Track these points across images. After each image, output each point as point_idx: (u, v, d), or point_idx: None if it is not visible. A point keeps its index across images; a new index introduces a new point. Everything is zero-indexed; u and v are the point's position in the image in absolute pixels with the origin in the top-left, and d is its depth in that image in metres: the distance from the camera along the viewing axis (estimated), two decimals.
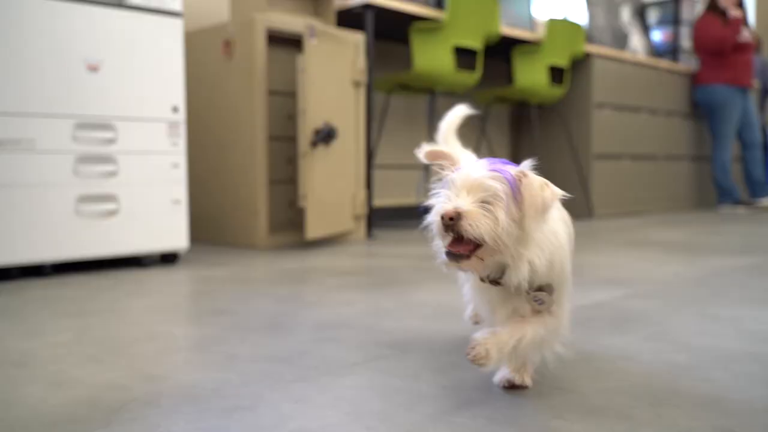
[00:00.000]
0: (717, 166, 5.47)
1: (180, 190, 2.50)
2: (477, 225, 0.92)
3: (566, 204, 1.08)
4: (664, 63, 5.52)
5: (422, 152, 1.05)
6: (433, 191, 1.01)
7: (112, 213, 2.34)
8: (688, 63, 5.98)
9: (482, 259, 0.96)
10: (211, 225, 3.20)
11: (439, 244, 0.99)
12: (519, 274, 0.97)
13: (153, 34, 2.40)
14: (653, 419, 0.97)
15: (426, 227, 1.00)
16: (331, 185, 3.04)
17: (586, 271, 2.35)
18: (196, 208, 3.27)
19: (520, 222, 0.94)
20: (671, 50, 6.05)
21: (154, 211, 2.43)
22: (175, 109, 2.47)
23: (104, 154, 2.31)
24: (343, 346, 1.38)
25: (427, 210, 0.99)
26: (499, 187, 0.93)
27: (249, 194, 3.00)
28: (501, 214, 0.92)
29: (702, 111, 5.77)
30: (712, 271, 2.32)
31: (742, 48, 5.34)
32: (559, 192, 0.96)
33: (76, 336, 1.48)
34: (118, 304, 1.83)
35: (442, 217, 0.93)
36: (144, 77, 2.39)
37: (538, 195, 0.94)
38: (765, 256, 2.72)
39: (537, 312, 1.04)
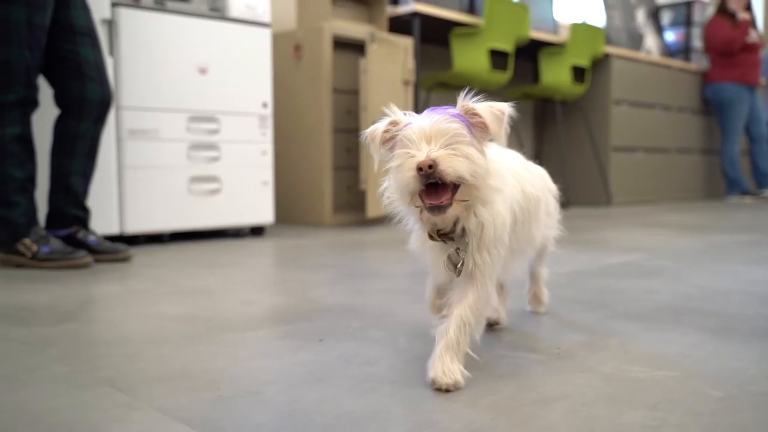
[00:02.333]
0: (726, 159, 5.88)
1: (268, 174, 2.96)
2: (455, 166, 0.91)
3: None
4: (677, 62, 5.94)
5: (373, 138, 1.01)
6: (391, 155, 0.98)
7: (215, 191, 2.80)
8: (699, 62, 6.37)
9: (465, 200, 0.95)
10: (283, 206, 3.66)
11: (408, 207, 0.98)
12: (487, 212, 0.99)
13: (248, 41, 2.86)
14: (674, 320, 1.42)
15: (383, 194, 1.01)
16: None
17: (610, 243, 2.79)
18: None
19: (482, 152, 0.96)
20: (683, 50, 6.44)
21: (248, 191, 2.90)
22: (264, 105, 2.93)
23: (210, 143, 2.78)
24: None
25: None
26: (457, 126, 0.93)
27: (316, 179, 3.46)
28: (470, 150, 0.93)
29: (712, 107, 6.17)
30: (717, 244, 2.75)
31: (749, 48, 5.74)
32: (506, 105, 0.98)
33: (228, 279, 1.93)
34: (238, 260, 2.29)
35: (420, 168, 0.90)
36: (241, 77, 2.85)
37: (492, 112, 0.96)
38: (763, 234, 3.15)
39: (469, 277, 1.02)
